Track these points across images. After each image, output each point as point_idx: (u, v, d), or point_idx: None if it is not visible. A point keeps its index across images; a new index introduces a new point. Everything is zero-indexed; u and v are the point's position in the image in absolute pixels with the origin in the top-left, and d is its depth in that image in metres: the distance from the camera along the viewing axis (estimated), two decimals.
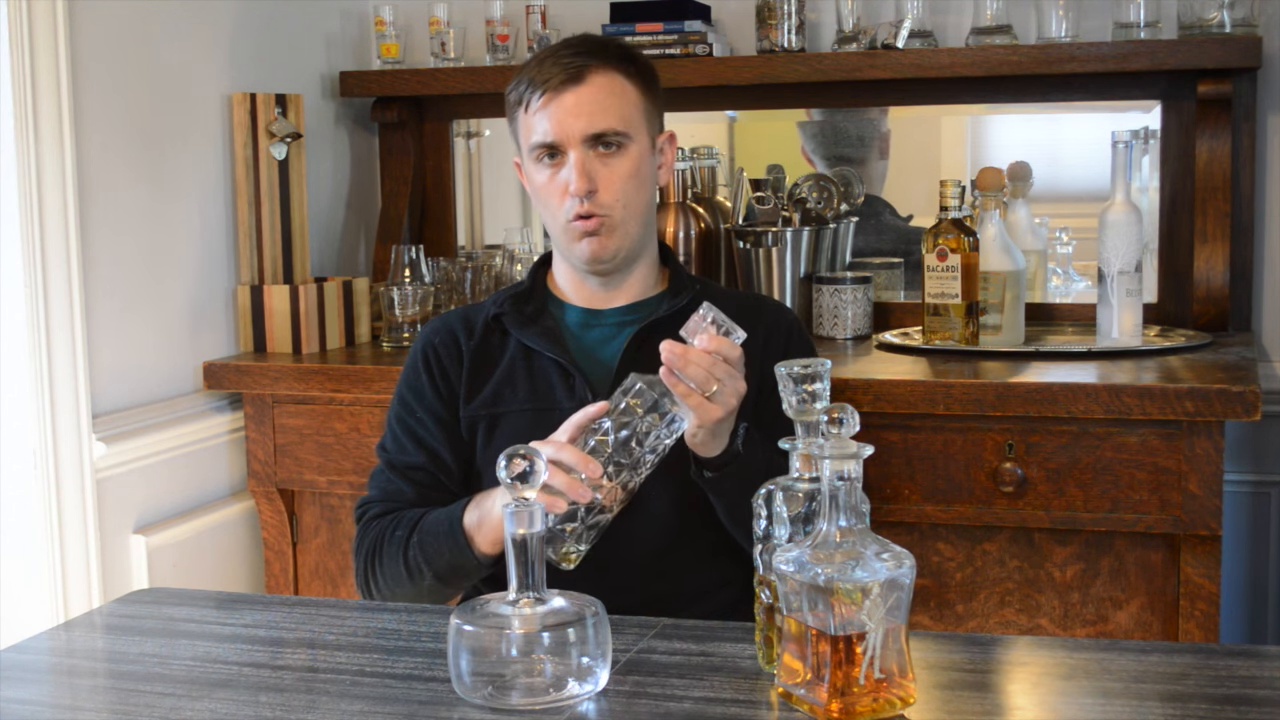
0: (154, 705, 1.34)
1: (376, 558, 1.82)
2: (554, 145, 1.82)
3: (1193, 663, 1.38)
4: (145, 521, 2.53)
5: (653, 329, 1.84)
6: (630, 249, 1.86)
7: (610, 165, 1.82)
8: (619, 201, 1.82)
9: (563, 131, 1.81)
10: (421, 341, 1.93)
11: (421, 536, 1.78)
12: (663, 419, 1.62)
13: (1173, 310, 2.71)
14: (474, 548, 1.73)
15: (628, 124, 1.83)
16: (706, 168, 2.96)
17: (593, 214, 1.81)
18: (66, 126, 2.31)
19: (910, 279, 2.90)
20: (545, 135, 1.82)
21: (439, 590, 1.81)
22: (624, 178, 1.83)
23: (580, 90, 1.81)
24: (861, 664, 1.23)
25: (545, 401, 1.82)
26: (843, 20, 2.78)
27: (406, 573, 1.79)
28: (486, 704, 1.29)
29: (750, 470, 1.67)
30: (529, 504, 1.31)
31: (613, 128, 1.82)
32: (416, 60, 3.10)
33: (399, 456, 1.88)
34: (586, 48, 1.85)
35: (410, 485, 1.86)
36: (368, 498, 1.90)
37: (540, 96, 1.82)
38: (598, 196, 1.81)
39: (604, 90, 1.82)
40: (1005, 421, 2.24)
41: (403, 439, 1.89)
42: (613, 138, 1.82)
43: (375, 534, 1.83)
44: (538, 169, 1.85)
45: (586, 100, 1.81)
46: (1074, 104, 2.78)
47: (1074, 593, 2.27)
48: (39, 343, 2.28)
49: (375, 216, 3.17)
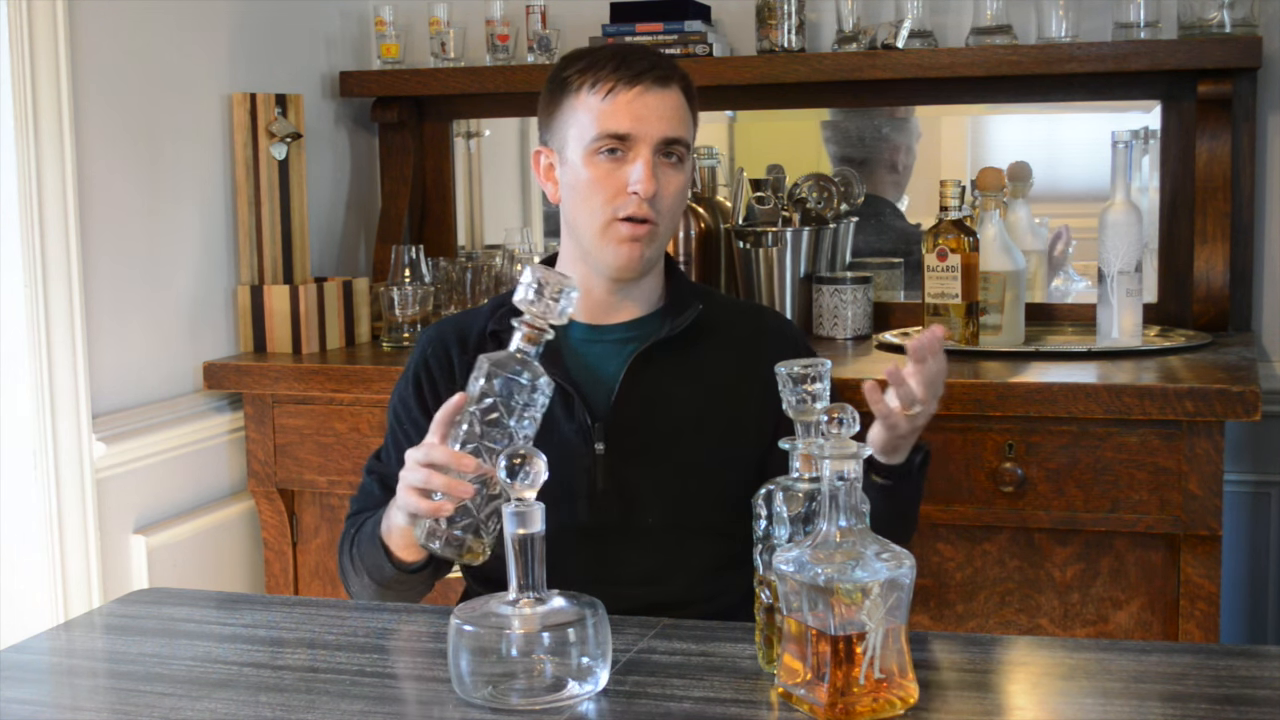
0: (154, 705, 1.34)
1: (340, 556, 1.82)
2: (627, 138, 1.76)
3: (1193, 663, 1.38)
4: (145, 521, 2.53)
5: (655, 349, 1.82)
6: (655, 261, 1.84)
7: (669, 176, 1.79)
8: (670, 213, 1.80)
9: (643, 127, 1.76)
10: (416, 356, 1.88)
11: (359, 541, 1.76)
12: (523, 389, 1.53)
13: (1173, 310, 2.71)
14: (391, 556, 1.69)
15: (690, 141, 1.83)
16: (706, 168, 2.96)
17: (648, 219, 1.77)
18: (66, 126, 2.31)
19: (910, 279, 2.90)
20: (621, 126, 1.76)
21: (388, 593, 1.76)
22: (679, 191, 1.81)
23: (665, 94, 1.78)
24: (861, 664, 1.23)
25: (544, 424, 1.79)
26: (843, 20, 2.78)
27: (354, 573, 1.78)
28: (486, 704, 1.29)
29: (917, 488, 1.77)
30: (529, 504, 1.31)
31: (685, 139, 1.80)
32: (416, 60, 3.10)
33: (382, 466, 1.86)
34: (663, 59, 1.84)
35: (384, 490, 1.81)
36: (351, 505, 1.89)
37: (626, 86, 1.76)
38: (658, 201, 1.77)
39: (679, 101, 1.81)
40: (1005, 421, 2.24)
41: (389, 446, 1.87)
42: (680, 149, 1.80)
43: (344, 532, 1.83)
44: (593, 160, 1.77)
45: (670, 105, 1.79)
46: (1074, 104, 2.78)
47: (1074, 593, 2.27)
48: (39, 343, 2.28)
49: (375, 216, 3.17)
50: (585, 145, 1.77)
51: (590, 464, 1.77)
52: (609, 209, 1.76)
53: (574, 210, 1.81)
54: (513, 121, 3.19)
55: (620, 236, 1.77)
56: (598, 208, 1.77)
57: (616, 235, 1.77)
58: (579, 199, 1.79)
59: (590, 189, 1.77)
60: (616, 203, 1.76)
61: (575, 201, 1.80)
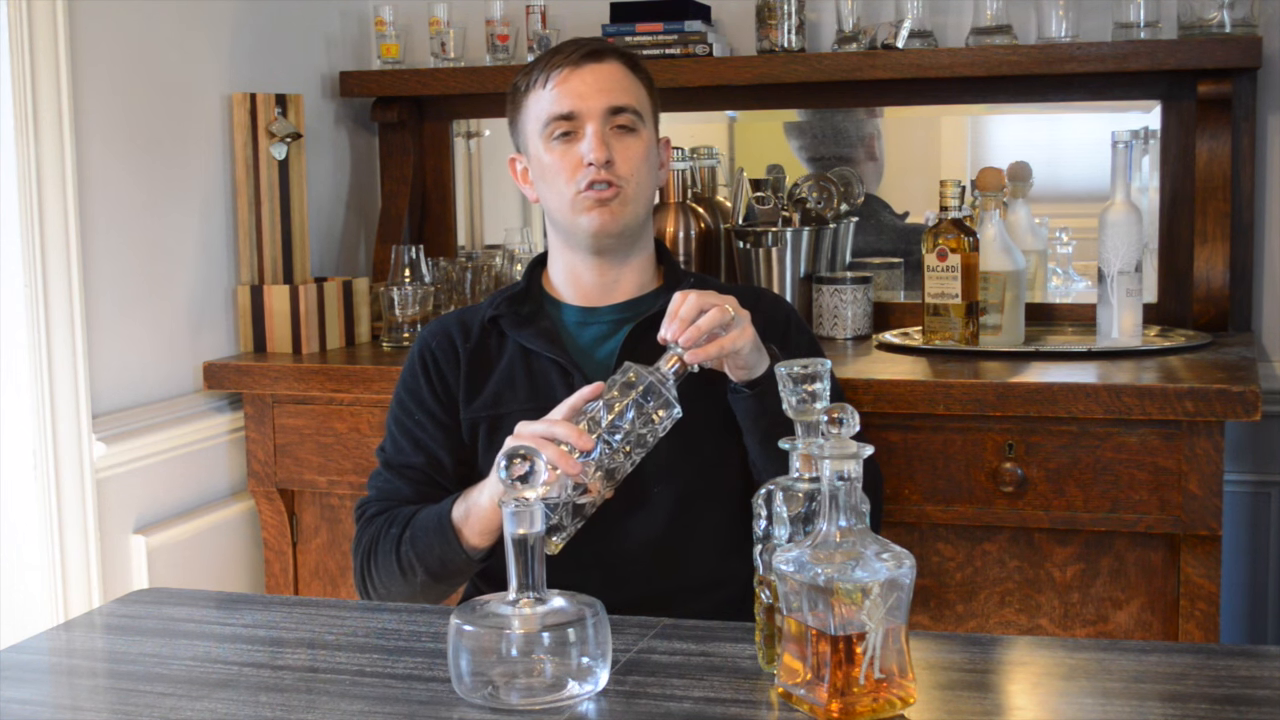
0: (154, 705, 1.34)
1: (372, 557, 1.84)
2: (572, 115, 1.83)
3: (1193, 663, 1.38)
4: (145, 521, 2.53)
5: (649, 325, 1.85)
6: (634, 229, 1.88)
7: (625, 143, 1.85)
8: (634, 176, 1.85)
9: (583, 103, 1.83)
10: (418, 345, 1.94)
11: (413, 533, 1.79)
12: (655, 407, 1.61)
13: (1173, 310, 2.71)
14: (462, 541, 1.75)
15: (642, 109, 1.88)
16: (706, 168, 2.96)
17: (609, 182, 1.82)
18: (66, 126, 2.31)
19: (910, 279, 2.90)
20: (563, 106, 1.83)
21: (432, 588, 1.82)
22: (638, 155, 1.86)
23: (599, 68, 1.85)
24: (861, 664, 1.23)
25: (546, 401, 1.82)
26: (843, 20, 2.78)
27: (400, 571, 1.80)
28: (486, 704, 1.29)
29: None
30: (529, 504, 1.31)
31: (631, 105, 1.85)
32: (416, 60, 3.10)
33: (397, 457, 1.89)
34: (597, 42, 1.90)
35: (408, 484, 1.87)
36: (366, 498, 1.91)
37: (560, 72, 1.84)
38: (615, 167, 1.83)
39: (619, 73, 1.87)
40: (1005, 421, 2.24)
41: (401, 440, 1.90)
42: (630, 117, 1.85)
43: (372, 533, 1.84)
44: (549, 146, 1.85)
45: (605, 76, 1.85)
46: (1074, 104, 2.78)
47: (1074, 593, 2.27)
48: (39, 343, 2.28)
49: (375, 216, 3.17)
50: (540, 134, 1.86)
51: None
52: (571, 186, 1.84)
53: (546, 197, 1.89)
54: None
55: (588, 204, 1.84)
56: (562, 187, 1.85)
57: (584, 204, 1.84)
58: (546, 185, 1.87)
59: (553, 172, 1.85)
60: (576, 177, 1.83)
61: (544, 189, 1.89)
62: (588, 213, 1.84)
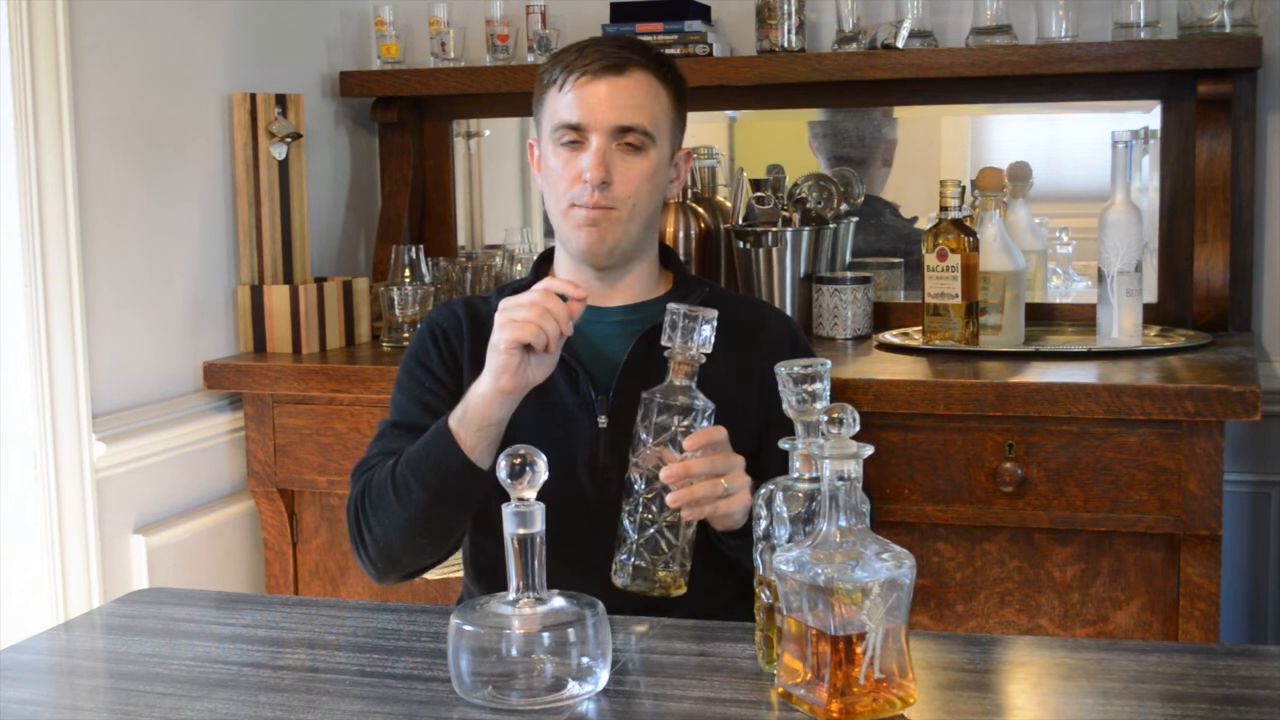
0: (154, 705, 1.34)
1: (366, 495, 1.77)
2: (579, 127, 1.80)
3: (1193, 663, 1.38)
4: (145, 521, 2.53)
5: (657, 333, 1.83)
6: (627, 249, 1.85)
7: (629, 163, 1.81)
8: (631, 198, 1.81)
9: (592, 116, 1.80)
10: (427, 322, 1.92)
11: (408, 455, 1.73)
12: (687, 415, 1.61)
13: (1173, 310, 2.71)
14: (459, 443, 1.68)
15: (656, 127, 1.83)
16: (706, 168, 2.96)
17: (599, 205, 1.80)
18: (66, 126, 2.31)
19: (910, 279, 2.90)
20: (573, 116, 1.80)
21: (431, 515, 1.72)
22: (641, 177, 1.82)
23: (618, 81, 1.81)
24: (861, 664, 1.23)
25: (548, 395, 1.81)
26: (843, 20, 2.78)
27: (395, 496, 1.72)
28: (486, 704, 1.29)
29: None
30: (529, 504, 1.31)
31: (641, 125, 1.81)
32: (416, 60, 3.10)
33: (404, 419, 1.85)
34: (630, 45, 1.86)
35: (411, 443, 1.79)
36: (365, 456, 1.85)
37: (577, 78, 1.81)
38: (611, 189, 1.80)
39: (640, 88, 1.82)
40: (1005, 421, 2.24)
41: (408, 405, 1.85)
42: (638, 137, 1.82)
43: (367, 477, 1.78)
44: (555, 150, 1.83)
45: (622, 92, 1.81)
46: (1074, 104, 2.78)
47: (1074, 593, 2.27)
48: (39, 343, 2.28)
49: (375, 216, 3.17)
50: (549, 136, 1.84)
51: (592, 437, 1.79)
52: (567, 196, 1.82)
53: (546, 197, 1.89)
54: (513, 121, 3.19)
55: (577, 221, 1.82)
56: (560, 194, 1.83)
57: (574, 220, 1.82)
58: (548, 186, 1.86)
59: (554, 176, 1.84)
60: (573, 190, 1.81)
61: (546, 189, 1.88)
62: (577, 229, 1.82)
